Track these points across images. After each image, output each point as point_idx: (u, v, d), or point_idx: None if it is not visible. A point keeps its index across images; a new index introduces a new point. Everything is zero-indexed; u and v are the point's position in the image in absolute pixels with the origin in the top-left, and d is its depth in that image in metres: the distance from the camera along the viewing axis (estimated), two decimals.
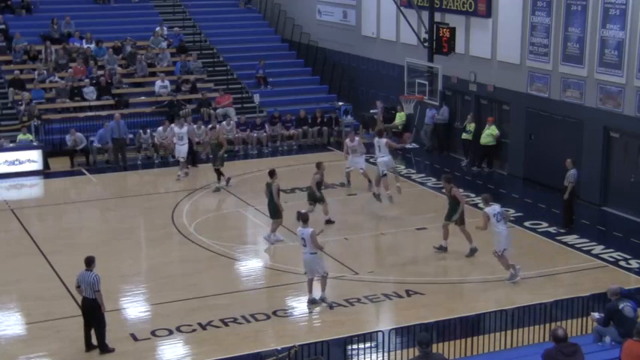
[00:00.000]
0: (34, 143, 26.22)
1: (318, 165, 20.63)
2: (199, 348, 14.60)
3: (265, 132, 28.88)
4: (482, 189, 24.05)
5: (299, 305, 16.20)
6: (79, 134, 26.51)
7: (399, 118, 29.38)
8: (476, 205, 21.94)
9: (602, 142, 22.36)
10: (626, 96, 21.47)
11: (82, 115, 28.36)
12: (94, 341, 14.24)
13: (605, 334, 13.20)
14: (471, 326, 14.84)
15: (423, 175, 25.67)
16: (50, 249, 19.28)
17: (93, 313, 14.07)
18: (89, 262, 14.17)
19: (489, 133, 25.64)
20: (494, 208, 17.08)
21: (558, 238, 20.04)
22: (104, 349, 14.17)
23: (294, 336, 14.75)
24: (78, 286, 14.21)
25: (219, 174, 23.86)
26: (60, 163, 26.34)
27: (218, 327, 15.28)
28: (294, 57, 34.91)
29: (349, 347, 13.96)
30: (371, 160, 23.71)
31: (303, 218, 16.04)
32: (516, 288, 17.13)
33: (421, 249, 19.82)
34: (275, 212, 19.29)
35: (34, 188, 25.26)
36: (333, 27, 33.68)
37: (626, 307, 12.58)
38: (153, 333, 15.05)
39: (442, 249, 18.99)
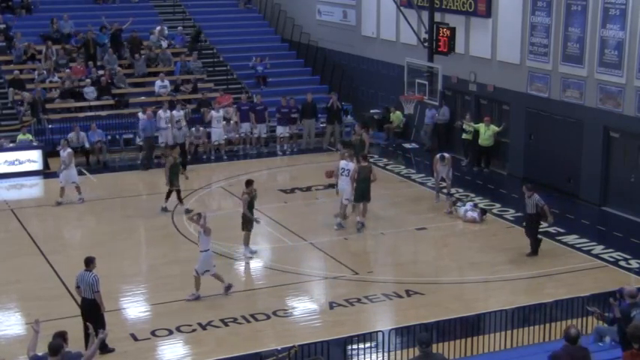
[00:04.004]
0: (34, 143, 26.22)
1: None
2: (199, 348, 14.61)
3: (267, 122, 28.56)
4: (483, 189, 24.10)
5: (299, 305, 16.21)
6: (82, 133, 26.42)
7: (397, 118, 29.40)
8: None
9: (602, 142, 22.35)
10: (626, 96, 21.46)
11: (82, 115, 28.34)
12: None
13: (605, 334, 13.19)
14: (471, 326, 14.83)
15: (422, 175, 25.65)
16: (50, 249, 19.27)
17: (92, 314, 14.03)
18: (88, 262, 14.15)
19: (490, 134, 25.57)
20: None
21: (558, 238, 20.02)
22: (104, 349, 14.16)
23: (294, 336, 14.74)
24: (77, 287, 14.20)
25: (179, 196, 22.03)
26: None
27: (218, 327, 15.28)
28: (294, 57, 34.89)
29: (349, 347, 13.97)
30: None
31: None
32: (516, 288, 17.13)
33: (421, 249, 19.83)
34: (244, 223, 18.72)
35: (34, 188, 25.24)
36: (333, 27, 33.67)
37: (638, 314, 12.42)
38: (153, 333, 15.05)
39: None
